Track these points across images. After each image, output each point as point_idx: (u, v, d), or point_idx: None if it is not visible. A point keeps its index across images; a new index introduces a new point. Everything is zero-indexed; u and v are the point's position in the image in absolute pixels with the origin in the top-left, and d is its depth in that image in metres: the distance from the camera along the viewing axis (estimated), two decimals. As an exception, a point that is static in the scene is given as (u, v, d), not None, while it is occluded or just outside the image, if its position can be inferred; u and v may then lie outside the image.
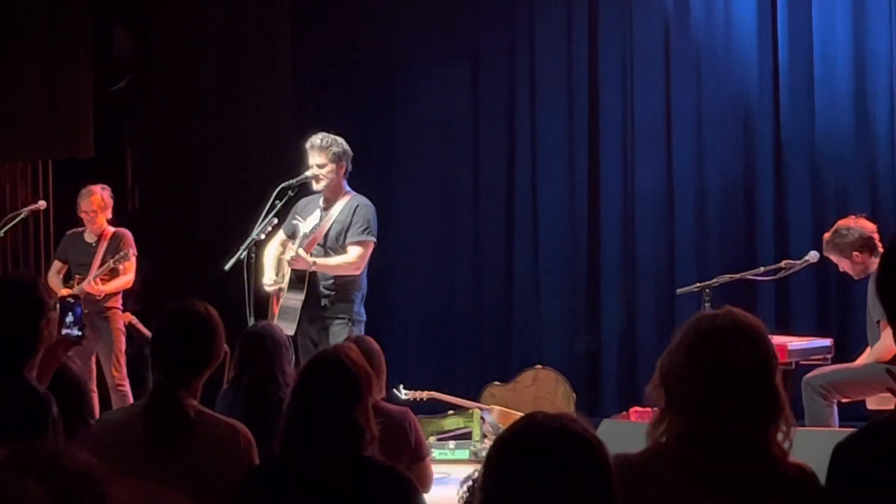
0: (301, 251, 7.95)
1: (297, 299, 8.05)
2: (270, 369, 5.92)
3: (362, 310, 8.19)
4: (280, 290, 8.13)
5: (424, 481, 5.94)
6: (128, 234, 9.83)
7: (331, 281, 8.10)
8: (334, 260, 8.08)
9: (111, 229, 9.81)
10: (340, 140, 8.19)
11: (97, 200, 9.77)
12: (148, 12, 11.77)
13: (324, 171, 8.11)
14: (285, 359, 6.04)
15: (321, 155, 8.12)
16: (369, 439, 3.90)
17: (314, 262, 8.00)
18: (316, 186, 8.16)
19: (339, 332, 7.82)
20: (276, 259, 8.27)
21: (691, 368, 3.21)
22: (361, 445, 3.88)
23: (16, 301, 4.49)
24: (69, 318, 4.82)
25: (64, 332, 4.79)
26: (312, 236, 8.11)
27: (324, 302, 8.08)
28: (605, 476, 2.59)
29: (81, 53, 11.24)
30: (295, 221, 8.21)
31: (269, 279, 8.18)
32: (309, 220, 8.14)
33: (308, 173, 8.17)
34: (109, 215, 9.85)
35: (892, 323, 2.73)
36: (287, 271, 8.10)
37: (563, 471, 2.54)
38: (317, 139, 8.15)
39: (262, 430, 4.52)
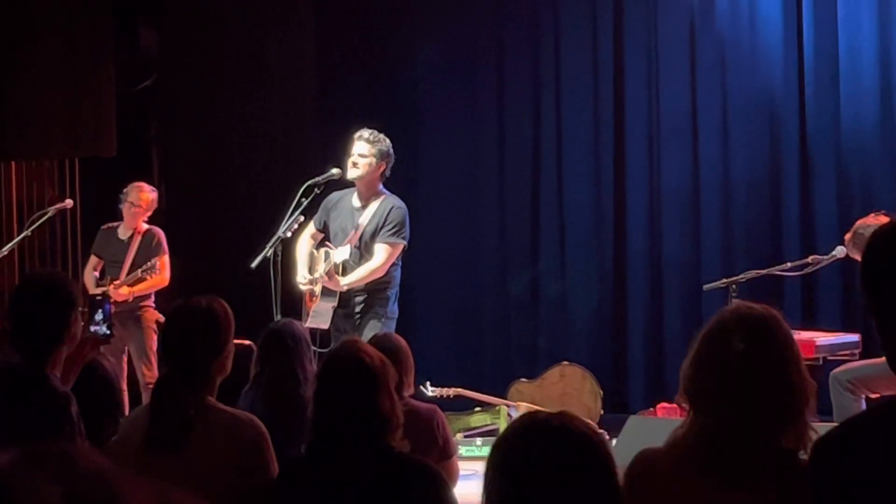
0: (336, 276, 8.03)
1: (329, 305, 8.13)
2: (290, 366, 5.93)
3: (395, 308, 8.26)
4: (312, 290, 8.19)
5: (450, 479, 5.94)
6: (160, 232, 9.91)
7: (362, 284, 8.16)
8: (362, 272, 8.12)
9: (145, 226, 9.88)
10: (388, 142, 8.27)
11: (147, 199, 9.89)
12: (173, 11, 11.79)
13: (363, 161, 8.17)
14: (305, 356, 6.04)
15: (367, 146, 8.20)
16: (394, 427, 3.91)
17: (346, 286, 8.07)
18: (350, 172, 8.19)
19: (370, 330, 7.85)
20: (308, 255, 8.33)
21: (695, 365, 3.24)
22: (386, 434, 3.89)
23: (46, 297, 4.51)
24: (98, 316, 4.83)
25: (92, 328, 4.81)
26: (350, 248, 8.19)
27: (357, 301, 8.14)
28: (606, 472, 2.62)
29: (104, 52, 11.26)
30: (325, 248, 8.27)
31: (303, 277, 8.24)
32: (341, 252, 8.17)
33: (336, 168, 8.23)
34: (147, 217, 9.94)
35: (876, 318, 2.71)
36: (320, 267, 8.16)
37: (564, 466, 2.57)
38: (366, 132, 8.26)
39: (284, 427, 4.53)
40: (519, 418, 2.75)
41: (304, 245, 8.39)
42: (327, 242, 8.38)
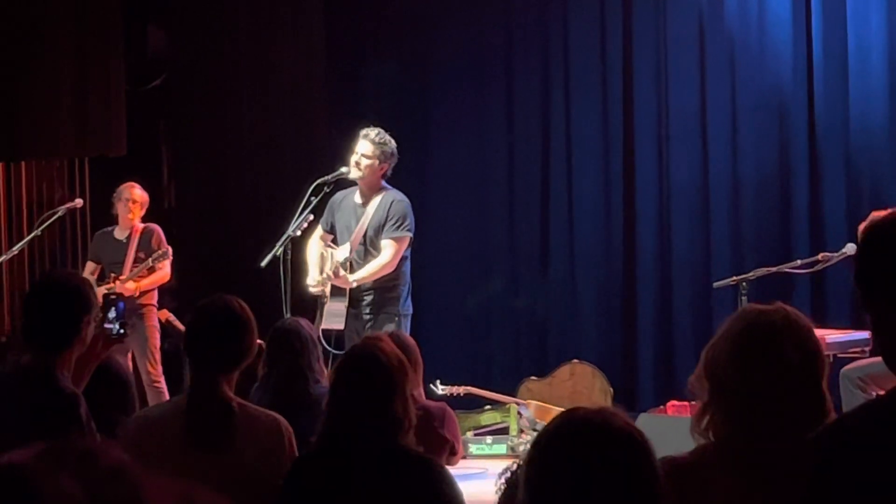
0: (341, 267, 8.01)
1: (341, 304, 8.11)
2: (298, 366, 5.92)
3: (409, 304, 8.24)
4: (324, 293, 8.17)
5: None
6: (158, 228, 9.92)
7: (372, 281, 8.13)
8: (370, 268, 8.11)
9: (141, 225, 9.90)
10: (394, 144, 8.24)
11: (142, 195, 9.91)
12: (182, 11, 11.80)
13: (365, 161, 8.15)
14: (313, 355, 6.04)
15: (370, 147, 8.17)
16: (406, 428, 3.93)
17: (354, 281, 8.06)
18: (353, 173, 8.19)
19: (383, 328, 7.83)
20: (319, 256, 8.31)
21: (739, 362, 3.17)
22: (398, 435, 3.91)
23: (60, 298, 4.52)
24: (112, 314, 4.82)
25: (106, 326, 4.80)
26: (350, 244, 8.17)
27: (367, 301, 8.12)
28: (650, 469, 2.57)
29: (113, 52, 11.27)
30: (328, 248, 8.27)
31: (313, 279, 8.22)
32: (342, 250, 8.18)
33: (345, 166, 8.22)
34: (142, 215, 9.96)
35: (872, 314, 2.70)
36: (326, 267, 8.14)
37: (606, 465, 2.53)
38: (373, 132, 8.22)
39: (293, 426, 4.53)
40: (560, 414, 2.69)
41: (314, 248, 8.38)
42: (331, 243, 8.36)
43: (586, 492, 2.52)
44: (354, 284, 8.07)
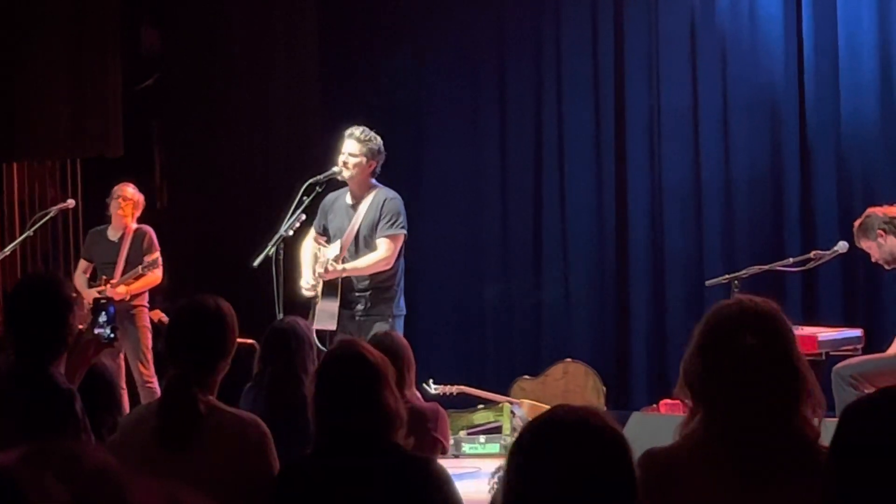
0: (331, 263, 7.99)
1: (332, 305, 8.08)
2: (292, 366, 5.91)
3: (402, 303, 8.22)
4: (316, 293, 8.15)
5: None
6: (150, 230, 9.91)
7: (367, 281, 8.11)
8: (363, 261, 8.10)
9: (134, 226, 9.89)
10: (379, 140, 8.22)
11: (136, 196, 9.91)
12: (175, 11, 11.80)
13: (353, 160, 8.13)
14: (308, 355, 6.03)
15: (356, 145, 8.15)
16: (399, 424, 3.92)
17: (343, 269, 8.03)
18: (343, 174, 8.18)
19: (375, 329, 7.80)
20: (312, 258, 8.30)
21: (703, 361, 3.24)
22: (391, 431, 3.90)
23: (41, 298, 4.50)
24: (102, 318, 4.82)
25: (96, 331, 4.80)
26: (341, 242, 8.14)
27: (362, 303, 8.10)
28: (626, 468, 2.61)
29: (110, 52, 11.27)
30: (320, 248, 8.26)
31: (307, 282, 8.21)
32: (332, 248, 8.17)
33: (335, 167, 8.20)
34: (137, 216, 9.94)
35: None
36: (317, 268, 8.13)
37: (583, 463, 2.57)
38: (357, 130, 8.20)
39: (285, 427, 4.52)
40: (542, 413, 2.71)
41: (307, 250, 8.37)
42: (323, 243, 8.34)
43: (564, 489, 2.55)
44: (345, 272, 8.03)
